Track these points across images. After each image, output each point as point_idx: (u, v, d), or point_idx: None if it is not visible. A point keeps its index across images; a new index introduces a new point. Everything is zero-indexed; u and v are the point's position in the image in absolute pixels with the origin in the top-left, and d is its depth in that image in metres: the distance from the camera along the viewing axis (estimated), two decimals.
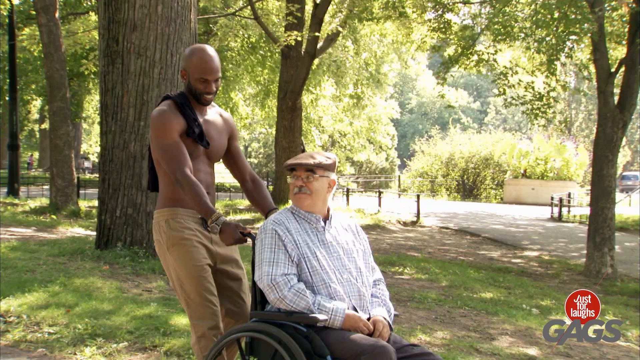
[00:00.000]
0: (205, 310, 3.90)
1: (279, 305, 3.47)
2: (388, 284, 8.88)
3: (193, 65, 4.01)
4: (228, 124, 4.30)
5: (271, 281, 3.47)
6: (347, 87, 33.12)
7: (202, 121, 4.10)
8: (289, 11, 19.50)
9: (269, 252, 3.56)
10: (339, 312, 3.43)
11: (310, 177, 3.71)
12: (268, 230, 3.62)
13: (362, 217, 20.13)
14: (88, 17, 22.66)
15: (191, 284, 3.91)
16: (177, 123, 3.96)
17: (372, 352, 3.18)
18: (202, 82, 4.01)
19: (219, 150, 4.20)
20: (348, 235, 3.79)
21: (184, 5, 8.24)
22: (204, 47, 4.10)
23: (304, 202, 3.72)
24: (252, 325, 3.56)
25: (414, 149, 49.97)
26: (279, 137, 22.31)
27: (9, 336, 5.52)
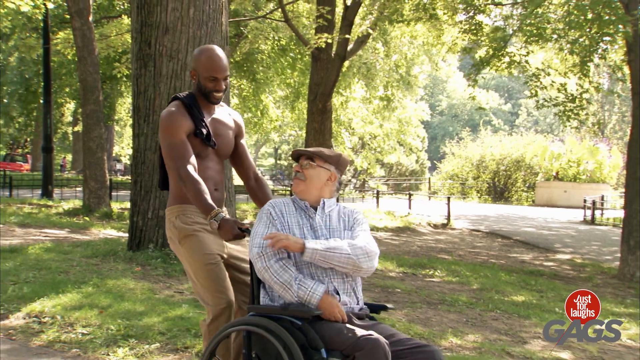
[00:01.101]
0: (218, 296, 4.00)
1: (264, 274, 3.57)
2: (419, 287, 8.88)
3: (202, 64, 4.13)
4: (236, 123, 4.43)
5: (261, 250, 3.59)
6: (377, 89, 33.05)
7: (211, 120, 4.23)
8: (319, 13, 19.51)
9: (263, 227, 3.69)
10: (317, 291, 3.51)
11: (308, 165, 3.83)
12: (264, 210, 3.78)
13: (392, 219, 20.08)
14: (121, 20, 22.89)
15: (203, 272, 4.02)
16: (185, 123, 4.09)
17: (365, 346, 3.22)
18: (212, 81, 4.13)
19: (227, 148, 4.33)
20: (340, 221, 3.84)
21: (215, 8, 8.28)
22: (212, 47, 4.22)
23: (297, 187, 3.84)
24: (249, 319, 3.62)
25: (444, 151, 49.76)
26: (309, 139, 22.31)
27: (44, 337, 5.58)
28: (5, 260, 8.63)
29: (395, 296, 8.17)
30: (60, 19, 26.46)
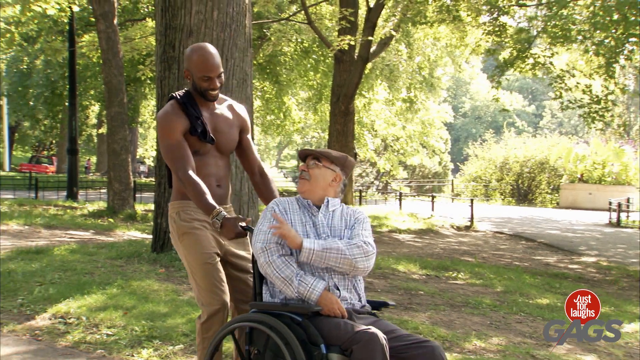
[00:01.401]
0: (212, 296, 4.03)
1: (267, 269, 3.63)
2: (442, 289, 8.85)
3: (194, 64, 4.13)
4: (239, 117, 4.41)
5: (265, 245, 3.65)
6: (400, 91, 33.00)
7: (210, 116, 4.24)
8: (342, 15, 19.51)
9: (267, 223, 3.73)
10: (317, 288, 3.56)
11: (314, 165, 3.87)
12: (269, 208, 3.84)
13: (415, 221, 20.02)
14: (145, 23, 23.04)
15: (200, 271, 4.06)
16: (180, 123, 4.11)
17: (362, 339, 3.27)
18: (206, 80, 4.13)
19: (228, 143, 4.32)
20: (342, 220, 3.88)
21: (239, 10, 8.31)
22: (203, 45, 4.22)
23: (302, 186, 3.88)
24: (251, 316, 3.68)
25: (467, 153, 49.55)
26: (332, 141, 22.33)
27: (69, 337, 5.62)
28: (32, 262, 8.71)
29: (418, 298, 8.15)
30: (85, 22, 26.68)
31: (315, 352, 3.39)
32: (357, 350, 3.27)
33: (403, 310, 7.33)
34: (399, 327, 3.63)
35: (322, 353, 3.38)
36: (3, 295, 6.97)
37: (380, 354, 3.24)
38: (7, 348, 5.33)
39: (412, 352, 3.40)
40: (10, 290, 7.12)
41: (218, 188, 4.24)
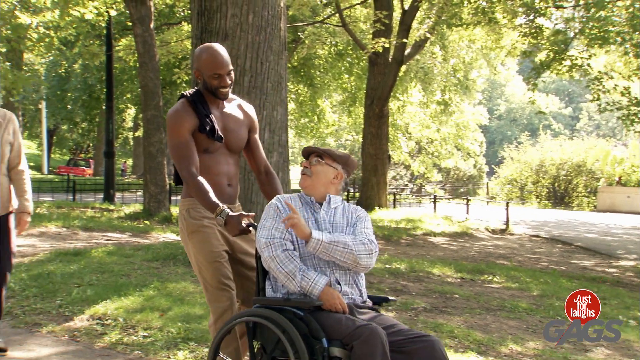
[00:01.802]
0: (221, 294, 4.10)
1: (270, 263, 3.70)
2: (477, 292, 8.79)
3: (204, 63, 4.17)
4: (248, 116, 4.45)
5: (269, 240, 3.74)
6: (434, 94, 32.86)
7: (220, 115, 4.28)
8: (376, 18, 19.50)
9: (270, 219, 3.82)
10: (319, 283, 3.62)
11: (316, 162, 3.94)
12: (272, 204, 3.90)
13: (449, 224, 19.92)
14: (181, 27, 23.26)
15: (208, 269, 4.12)
16: (189, 122, 4.15)
17: (362, 334, 3.32)
18: (216, 78, 4.16)
19: (237, 141, 4.36)
20: (344, 217, 3.96)
21: (274, 14, 8.33)
22: (211, 44, 4.25)
23: (304, 182, 3.96)
24: (254, 311, 3.74)
25: (502, 155, 49.17)
26: (366, 144, 22.32)
27: (107, 338, 5.68)
28: (70, 263, 8.83)
29: (453, 302, 8.10)
30: (122, 26, 27.00)
31: (317, 346, 3.45)
32: (357, 345, 3.32)
33: (438, 314, 7.29)
34: (399, 322, 3.68)
35: (324, 347, 3.45)
36: (42, 296, 7.07)
37: (380, 349, 3.29)
38: (46, 349, 5.40)
39: (413, 347, 3.44)
40: (50, 292, 7.22)
41: (229, 187, 4.30)
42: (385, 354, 3.30)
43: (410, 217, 20.69)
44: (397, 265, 10.29)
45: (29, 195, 5.10)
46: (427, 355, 3.42)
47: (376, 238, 3.92)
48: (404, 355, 3.45)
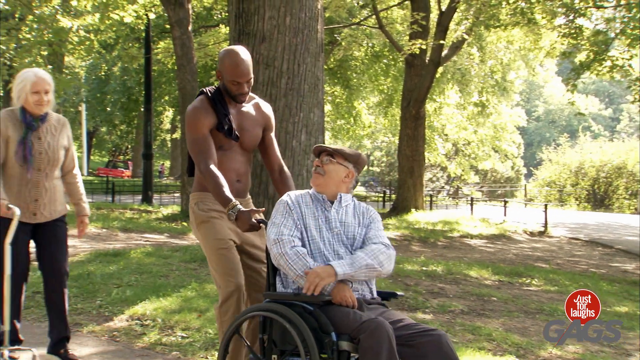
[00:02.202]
0: (227, 279, 4.21)
1: (279, 260, 3.76)
2: (515, 295, 8.72)
3: (226, 68, 4.28)
4: (263, 116, 4.54)
5: (278, 237, 3.79)
6: (471, 95, 32.64)
7: (236, 114, 4.39)
8: (413, 19, 19.43)
9: (280, 216, 3.89)
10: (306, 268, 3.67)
11: (328, 160, 3.98)
12: (282, 202, 3.97)
13: (486, 226, 19.78)
14: (218, 29, 23.41)
15: (215, 256, 4.26)
16: (207, 118, 4.27)
17: (370, 328, 3.38)
18: (235, 85, 4.27)
19: (252, 140, 4.47)
20: (355, 217, 4.01)
21: (311, 16, 8.34)
22: (236, 50, 4.32)
23: (316, 180, 4.00)
24: (265, 305, 3.81)
25: (540, 157, 48.68)
26: (402, 145, 22.25)
27: (145, 339, 5.74)
28: (109, 264, 8.93)
29: (491, 304, 8.05)
30: (160, 29, 27.26)
31: (326, 340, 3.52)
32: (363, 338, 3.38)
33: (476, 317, 7.25)
34: (407, 317, 3.73)
35: (333, 340, 3.51)
36: (83, 296, 7.17)
37: (386, 342, 3.34)
38: (87, 348, 5.48)
39: (419, 340, 3.49)
40: (90, 292, 7.32)
41: (237, 183, 4.40)
42: (391, 347, 3.35)
43: (447, 219, 20.57)
44: (434, 268, 10.24)
45: (84, 197, 5.21)
46: (434, 348, 3.47)
47: (413, 240, 3.95)
48: (411, 349, 3.51)
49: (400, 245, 15.03)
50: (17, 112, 4.89)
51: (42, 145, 4.89)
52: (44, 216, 4.96)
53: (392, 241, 13.89)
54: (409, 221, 19.63)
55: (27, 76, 4.86)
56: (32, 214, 4.91)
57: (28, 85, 4.81)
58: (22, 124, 4.86)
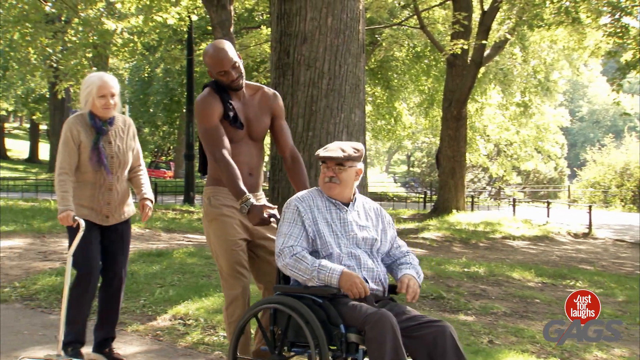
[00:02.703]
0: (234, 281, 4.30)
1: (285, 271, 3.87)
2: (559, 297, 8.60)
3: (209, 65, 4.39)
4: (269, 104, 4.58)
5: (279, 251, 3.87)
6: (514, 95, 32.32)
7: (241, 105, 4.45)
8: (455, 19, 19.31)
9: (286, 225, 3.93)
10: (335, 272, 3.72)
11: (341, 169, 3.99)
12: (291, 206, 3.99)
13: (529, 227, 19.57)
14: (259, 31, 23.52)
15: (223, 256, 4.31)
16: (216, 108, 4.34)
17: (374, 319, 3.47)
18: (223, 75, 4.35)
19: (259, 130, 4.51)
20: (370, 219, 4.09)
21: (352, 17, 8.34)
22: (212, 44, 4.43)
23: (333, 190, 4.01)
24: (275, 298, 3.92)
25: (584, 158, 48.04)
26: (443, 146, 22.13)
27: (188, 338, 5.78)
28: (152, 264, 9.03)
29: (534, 307, 7.96)
30: (203, 30, 27.47)
31: (335, 332, 3.63)
32: (368, 330, 3.48)
33: (519, 319, 7.18)
34: (412, 309, 3.82)
35: (341, 332, 3.61)
36: (127, 296, 7.24)
37: (390, 332, 3.42)
38: (131, 347, 5.55)
39: (424, 332, 3.60)
40: (134, 292, 7.40)
41: (250, 177, 4.44)
42: (395, 337, 3.43)
43: (488, 220, 20.41)
44: (476, 269, 10.16)
45: (148, 185, 5.22)
46: (438, 340, 3.57)
47: (454, 241, 3.97)
48: (416, 340, 3.61)
49: (441, 246, 14.96)
50: (86, 116, 4.91)
51: (112, 149, 4.94)
52: (114, 219, 5.03)
53: (432, 242, 13.91)
54: (450, 222, 19.52)
55: (93, 80, 4.87)
56: (105, 216, 4.97)
57: (94, 89, 4.82)
58: (93, 129, 4.89)
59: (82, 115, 4.94)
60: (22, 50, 21.95)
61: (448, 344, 3.57)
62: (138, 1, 20.46)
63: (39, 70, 22.63)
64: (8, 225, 12.50)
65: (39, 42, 20.23)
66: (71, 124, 4.87)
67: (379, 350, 3.42)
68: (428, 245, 14.83)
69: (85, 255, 4.83)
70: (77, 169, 4.88)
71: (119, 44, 22.84)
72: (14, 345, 5.53)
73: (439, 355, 3.56)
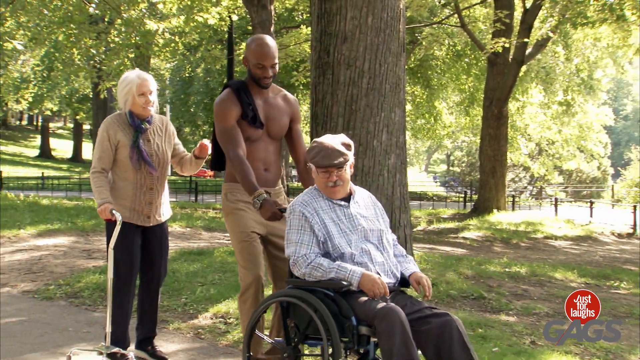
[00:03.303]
0: (247, 272, 4.45)
1: (305, 279, 3.91)
2: (603, 298, 8.47)
3: (252, 52, 4.49)
4: (290, 107, 4.76)
5: (293, 261, 3.93)
6: (556, 94, 31.94)
7: (263, 104, 4.61)
8: (496, 18, 19.14)
9: (295, 233, 3.98)
10: (356, 273, 3.78)
11: (340, 170, 4.01)
12: (296, 212, 4.02)
13: (571, 227, 19.33)
14: (299, 30, 23.55)
15: (237, 248, 4.51)
16: (234, 110, 4.51)
17: (382, 314, 3.55)
18: (260, 68, 4.48)
19: (278, 130, 4.67)
20: (369, 209, 4.18)
21: (393, 15, 8.31)
22: (262, 36, 4.57)
23: (338, 193, 4.06)
24: (288, 292, 3.99)
25: (629, 157, 47.29)
26: (484, 145, 21.95)
27: (229, 337, 5.82)
28: (194, 262, 9.11)
29: None
30: (243, 30, 27.62)
31: (347, 324, 3.71)
32: (377, 323, 3.56)
33: (564, 319, 7.08)
34: (422, 301, 3.89)
35: (353, 325, 3.69)
36: (169, 294, 7.33)
37: (399, 325, 3.50)
38: (173, 345, 5.60)
39: (431, 325, 3.68)
40: (175, 290, 7.48)
41: (265, 172, 4.62)
42: (404, 330, 3.50)
43: (530, 220, 20.20)
44: (517, 269, 10.06)
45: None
46: (444, 332, 3.64)
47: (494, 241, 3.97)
48: (423, 332, 3.69)
49: (481, 246, 14.85)
50: (124, 116, 4.92)
51: (152, 147, 4.95)
52: (155, 219, 5.04)
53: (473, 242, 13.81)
54: (490, 222, 19.36)
55: (131, 79, 4.87)
56: (146, 217, 4.98)
57: (134, 87, 4.83)
58: (131, 127, 4.88)
59: (120, 115, 4.95)
60: (67, 51, 22.33)
61: (454, 336, 3.63)
62: (179, 1, 20.67)
63: (83, 70, 22.97)
64: (53, 223, 12.71)
65: (83, 43, 20.53)
66: (108, 124, 4.89)
67: (389, 343, 3.50)
68: (468, 245, 14.74)
69: (125, 255, 4.87)
70: (118, 169, 4.89)
71: (160, 44, 23.07)
72: (60, 342, 5.63)
73: (446, 348, 3.63)
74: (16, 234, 11.39)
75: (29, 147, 56.18)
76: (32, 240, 11.10)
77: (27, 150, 53.58)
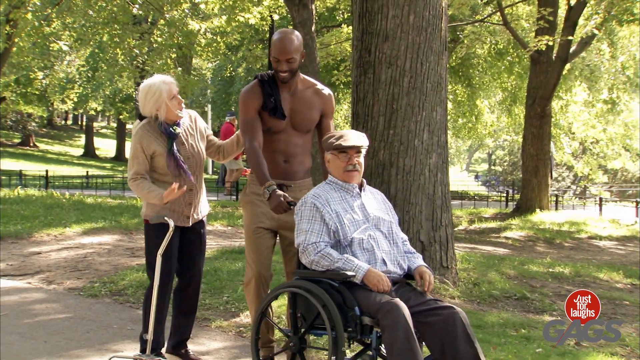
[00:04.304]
0: (248, 267, 4.74)
1: (312, 267, 4.09)
2: None
3: (272, 45, 4.64)
4: (321, 100, 4.83)
5: (303, 248, 4.09)
6: (600, 92, 31.46)
7: (289, 97, 4.70)
8: (540, 15, 18.91)
9: (306, 222, 4.13)
10: (362, 268, 3.93)
11: (360, 155, 4.25)
12: (308, 204, 4.18)
13: (616, 227, 19.02)
14: (340, 29, 23.56)
15: (247, 239, 4.75)
16: (255, 101, 4.66)
17: (387, 309, 3.67)
18: (276, 62, 4.58)
19: (304, 122, 4.75)
20: (380, 203, 4.36)
21: (435, 14, 8.27)
22: (285, 30, 4.67)
23: (356, 177, 4.24)
24: (294, 282, 4.19)
25: None
26: (526, 144, 21.71)
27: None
28: (235, 261, 9.16)
29: (623, 309, 7.74)
30: None
31: (350, 314, 3.85)
32: (381, 318, 3.69)
33: (608, 319, 6.98)
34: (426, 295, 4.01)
35: (356, 314, 3.84)
36: (211, 292, 7.39)
37: (402, 321, 3.61)
38: (215, 343, 5.65)
39: (435, 317, 3.78)
40: (217, 288, 7.54)
41: (285, 163, 4.70)
42: (407, 326, 3.61)
43: (573, 220, 19.92)
44: (561, 269, 9.94)
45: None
46: (449, 325, 3.72)
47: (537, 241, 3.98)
48: (427, 325, 3.79)
49: (524, 246, 14.69)
50: (154, 124, 4.87)
51: (187, 150, 4.92)
52: (194, 219, 5.05)
53: (515, 242, 13.71)
54: (533, 221, 19.13)
55: (158, 86, 4.80)
56: (186, 217, 4.99)
57: (164, 93, 4.77)
58: (163, 136, 4.84)
59: (149, 123, 4.89)
60: (111, 51, 22.63)
61: (459, 329, 3.70)
62: (221, 2, 20.81)
63: (126, 70, 23.22)
64: (97, 222, 12.90)
65: (127, 43, 20.76)
66: (140, 137, 4.84)
67: (391, 338, 3.62)
68: (510, 244, 14.60)
69: (166, 260, 4.83)
70: (155, 174, 4.89)
71: (202, 44, 23.26)
72: (105, 339, 5.72)
73: (450, 341, 3.70)
74: (62, 232, 11.58)
75: (73, 146, 57.03)
76: (78, 238, 11.27)
77: (72, 150, 54.40)
